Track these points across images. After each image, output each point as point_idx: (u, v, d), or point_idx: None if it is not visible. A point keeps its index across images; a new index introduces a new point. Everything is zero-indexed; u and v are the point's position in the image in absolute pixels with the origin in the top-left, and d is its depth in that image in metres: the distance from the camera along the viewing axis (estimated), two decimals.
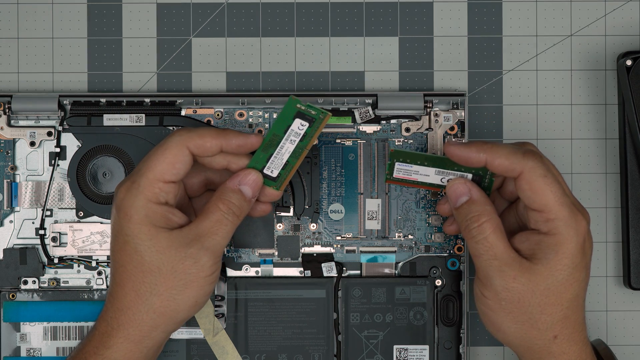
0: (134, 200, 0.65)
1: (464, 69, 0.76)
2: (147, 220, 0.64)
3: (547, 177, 0.64)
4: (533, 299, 0.64)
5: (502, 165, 0.64)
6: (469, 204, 0.65)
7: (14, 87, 0.76)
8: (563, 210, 0.63)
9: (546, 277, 0.63)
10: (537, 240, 0.64)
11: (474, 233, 0.64)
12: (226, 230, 0.65)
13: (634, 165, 0.74)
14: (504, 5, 0.76)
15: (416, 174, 0.68)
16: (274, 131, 0.67)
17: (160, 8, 0.76)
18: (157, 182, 0.65)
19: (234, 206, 0.66)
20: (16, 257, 0.73)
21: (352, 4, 0.76)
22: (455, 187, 0.66)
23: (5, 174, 0.74)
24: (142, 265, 0.64)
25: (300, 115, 0.67)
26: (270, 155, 0.67)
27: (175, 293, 0.65)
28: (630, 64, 0.72)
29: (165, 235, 0.65)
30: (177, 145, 0.65)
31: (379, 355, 0.73)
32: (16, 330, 0.73)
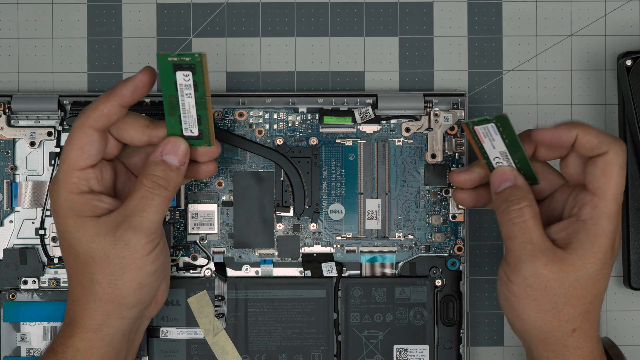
0: (56, 195, 0.65)
1: (464, 69, 0.76)
2: (71, 212, 0.64)
3: (622, 169, 0.64)
4: (560, 288, 0.63)
5: (590, 142, 0.64)
6: (512, 188, 0.65)
7: (14, 87, 0.76)
8: (613, 204, 0.64)
9: (578, 268, 0.63)
10: (575, 230, 0.64)
11: (513, 215, 0.64)
12: (155, 205, 0.64)
13: (634, 165, 0.74)
14: (504, 5, 0.76)
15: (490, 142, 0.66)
16: (167, 93, 0.65)
17: (160, 8, 0.76)
18: (72, 171, 0.65)
19: (159, 178, 0.65)
20: (16, 257, 0.73)
21: (352, 4, 0.76)
22: (503, 172, 0.66)
23: (5, 174, 0.74)
24: (78, 257, 0.64)
25: (179, 67, 0.64)
26: (179, 117, 0.66)
27: (114, 279, 0.64)
28: (630, 64, 0.72)
29: (92, 224, 0.64)
30: (79, 129, 0.65)
31: (379, 355, 0.73)
32: (16, 330, 0.73)
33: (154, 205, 0.64)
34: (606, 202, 0.63)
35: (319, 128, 0.74)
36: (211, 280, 0.73)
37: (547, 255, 0.63)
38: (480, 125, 0.65)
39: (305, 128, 0.74)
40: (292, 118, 0.74)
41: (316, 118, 0.74)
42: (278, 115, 0.74)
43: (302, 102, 0.74)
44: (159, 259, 0.65)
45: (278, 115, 0.74)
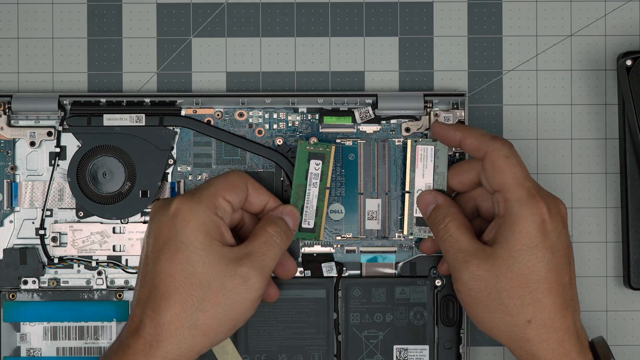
0: (193, 207, 0.65)
1: (464, 69, 0.76)
2: (204, 227, 0.65)
3: (509, 158, 0.66)
4: (499, 283, 0.65)
5: (472, 144, 0.68)
6: (435, 210, 0.69)
7: (14, 87, 0.76)
8: (520, 190, 0.66)
9: (507, 259, 0.65)
10: (497, 225, 0.66)
11: (442, 233, 0.68)
12: (274, 252, 0.67)
13: (634, 165, 0.74)
14: (504, 5, 0.76)
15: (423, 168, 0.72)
16: (297, 182, 0.71)
17: (160, 8, 0.76)
18: (218, 195, 0.66)
19: (281, 230, 0.68)
20: (16, 257, 0.73)
21: (352, 4, 0.76)
22: (424, 197, 0.71)
23: (5, 174, 0.74)
24: (193, 276, 0.64)
25: (313, 156, 0.71)
26: (302, 207, 0.71)
27: (220, 312, 0.64)
28: (630, 64, 0.72)
29: (218, 249, 0.65)
30: (238, 175, 0.68)
31: (379, 355, 0.73)
32: (16, 330, 0.73)
33: (274, 252, 0.67)
34: (510, 191, 0.66)
35: (319, 128, 0.74)
36: None
37: (477, 257, 0.66)
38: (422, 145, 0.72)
39: (305, 128, 0.74)
40: (292, 118, 0.74)
41: (316, 118, 0.74)
42: (278, 115, 0.74)
43: (302, 102, 0.74)
44: (255, 309, 0.66)
45: (278, 115, 0.74)
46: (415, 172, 0.72)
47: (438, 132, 0.70)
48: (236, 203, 0.68)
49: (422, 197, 0.71)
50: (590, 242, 0.75)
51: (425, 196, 0.71)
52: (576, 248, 0.75)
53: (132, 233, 0.74)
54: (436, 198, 0.70)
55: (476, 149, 0.68)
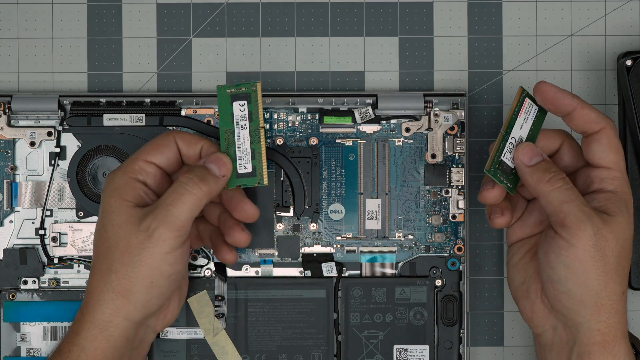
0: (113, 176, 0.66)
1: (464, 69, 0.76)
2: (117, 192, 0.65)
3: (619, 140, 0.67)
4: (616, 248, 0.64)
5: (588, 115, 0.66)
6: (546, 162, 0.67)
7: (14, 87, 0.76)
8: (625, 173, 0.67)
9: (624, 228, 0.65)
10: (607, 198, 0.66)
11: (561, 182, 0.65)
12: (184, 201, 0.64)
13: (634, 165, 0.74)
14: (504, 5, 0.76)
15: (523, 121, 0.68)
16: (224, 128, 0.68)
17: (160, 8, 0.76)
18: (138, 159, 0.66)
19: (194, 176, 0.65)
20: (16, 257, 0.73)
21: (352, 4, 0.76)
22: (530, 148, 0.67)
23: (5, 174, 0.74)
24: (106, 240, 0.65)
25: (235, 98, 0.68)
26: (235, 153, 0.68)
27: (129, 270, 0.64)
28: (630, 64, 0.72)
29: (127, 209, 0.64)
30: (166, 137, 0.67)
31: (379, 355, 0.73)
32: (16, 330, 0.73)
33: (183, 202, 0.64)
34: (621, 172, 0.66)
35: (319, 128, 0.74)
36: (211, 280, 0.73)
37: (600, 217, 0.64)
38: (530, 100, 0.68)
39: (305, 128, 0.74)
40: (292, 118, 0.74)
41: (316, 118, 0.74)
42: (278, 115, 0.74)
43: (302, 102, 0.74)
44: (177, 263, 0.65)
45: (278, 115, 0.74)
46: (516, 121, 0.68)
47: (548, 97, 0.67)
48: (163, 162, 0.67)
49: (528, 147, 0.67)
50: None
51: (533, 147, 0.67)
52: None
53: None
54: (543, 154, 0.67)
55: (593, 122, 0.66)
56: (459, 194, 0.74)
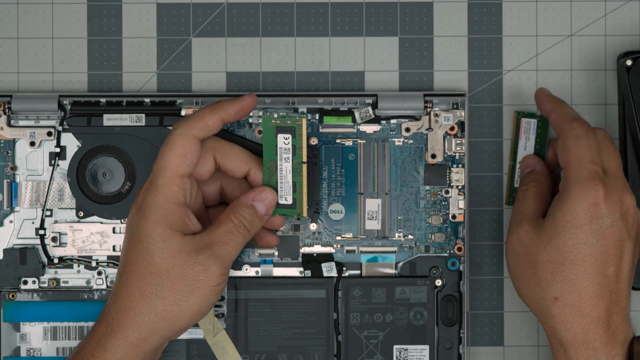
0: (153, 199, 0.65)
1: (464, 69, 0.76)
2: (164, 220, 0.65)
3: (580, 139, 0.67)
4: (538, 253, 0.66)
5: (553, 119, 0.69)
6: (528, 173, 0.71)
7: (14, 87, 0.76)
8: (579, 170, 0.66)
9: (551, 232, 0.65)
10: (554, 200, 0.67)
11: (520, 194, 0.70)
12: (236, 242, 0.67)
13: (634, 165, 0.74)
14: (504, 5, 0.76)
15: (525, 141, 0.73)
16: (267, 157, 0.69)
17: (160, 8, 0.76)
18: (174, 178, 0.66)
19: (245, 220, 0.67)
20: (16, 257, 0.73)
21: (352, 4, 0.76)
22: (526, 160, 0.72)
23: (5, 174, 0.74)
24: (152, 265, 0.65)
25: (280, 130, 0.69)
26: (277, 183, 0.69)
27: (179, 298, 0.65)
28: (630, 64, 0.72)
29: (178, 239, 0.65)
30: (182, 136, 0.66)
31: (379, 355, 0.73)
32: (16, 330, 0.73)
33: (236, 242, 0.67)
34: (570, 169, 0.66)
35: (319, 128, 0.74)
36: None
37: (529, 223, 0.67)
38: (527, 118, 0.72)
39: None
40: None
41: (316, 118, 0.74)
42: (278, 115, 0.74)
43: (302, 102, 0.74)
44: (220, 293, 0.67)
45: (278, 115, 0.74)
46: (518, 145, 0.73)
47: (536, 100, 0.71)
48: (194, 166, 0.67)
49: (525, 160, 0.72)
50: None
51: (528, 159, 0.72)
52: None
53: None
54: (536, 164, 0.71)
55: (555, 125, 0.69)
56: (459, 194, 0.74)
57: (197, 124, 0.66)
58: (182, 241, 0.65)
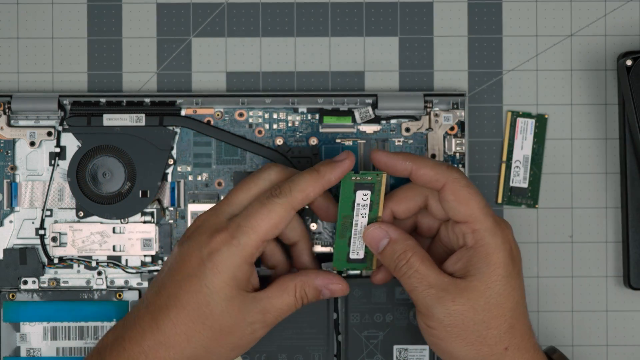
0: (231, 258, 0.64)
1: (464, 69, 0.76)
2: (234, 282, 0.64)
3: (470, 187, 0.65)
4: (476, 316, 0.64)
5: (426, 175, 0.65)
6: (391, 245, 0.66)
7: (14, 87, 0.76)
8: (487, 220, 0.64)
9: (483, 291, 0.64)
10: (468, 257, 0.65)
11: (404, 270, 0.65)
12: (289, 310, 0.66)
13: (634, 165, 0.74)
14: (504, 5, 0.76)
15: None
16: (342, 213, 0.67)
17: (160, 8, 0.76)
18: (260, 242, 0.64)
19: (307, 300, 0.67)
20: (16, 257, 0.73)
21: (352, 4, 0.76)
22: (373, 234, 0.67)
23: (5, 174, 0.74)
24: (207, 318, 0.64)
25: (360, 187, 0.67)
26: (349, 239, 0.68)
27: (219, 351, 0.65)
28: (630, 64, 0.72)
29: (240, 299, 0.64)
30: (282, 206, 0.64)
31: (379, 355, 0.73)
32: (16, 330, 0.73)
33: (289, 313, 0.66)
34: (479, 222, 0.64)
35: (319, 128, 0.74)
36: None
37: (450, 291, 0.64)
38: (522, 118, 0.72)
39: (305, 128, 0.74)
40: (292, 118, 0.74)
41: (316, 118, 0.74)
42: (278, 115, 0.74)
43: (302, 102, 0.74)
44: None
45: (278, 115, 0.74)
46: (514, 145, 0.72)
47: (382, 162, 0.66)
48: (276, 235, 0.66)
49: (370, 233, 0.67)
50: (590, 242, 0.75)
51: (374, 231, 0.67)
52: (576, 248, 0.75)
53: (132, 233, 0.74)
54: (388, 232, 0.67)
55: (432, 180, 0.65)
56: None
57: (299, 196, 0.64)
58: (244, 301, 0.64)
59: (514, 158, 0.73)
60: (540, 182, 0.75)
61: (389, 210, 0.68)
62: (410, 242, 0.66)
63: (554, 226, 0.75)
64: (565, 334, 0.75)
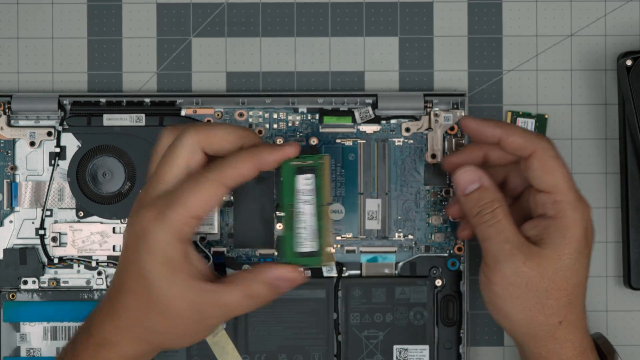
0: (159, 234, 0.61)
1: (464, 69, 0.76)
2: (170, 263, 0.62)
3: (558, 158, 0.65)
4: (541, 283, 0.64)
5: (515, 142, 0.65)
6: (480, 191, 0.65)
7: (14, 87, 0.76)
8: (570, 193, 0.64)
9: (554, 261, 0.64)
10: (545, 225, 0.65)
11: (487, 218, 0.65)
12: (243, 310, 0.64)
13: (634, 165, 0.74)
14: (504, 5, 0.76)
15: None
16: (286, 202, 0.64)
17: (160, 8, 0.76)
18: (190, 219, 0.62)
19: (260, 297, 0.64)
20: (16, 257, 0.73)
21: (352, 4, 0.76)
22: (467, 174, 0.66)
23: (5, 174, 0.74)
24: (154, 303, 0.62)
25: (300, 171, 0.64)
26: (295, 230, 0.64)
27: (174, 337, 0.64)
28: (630, 64, 0.72)
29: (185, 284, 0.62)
30: (212, 183, 0.62)
31: (379, 355, 0.73)
32: (16, 330, 0.73)
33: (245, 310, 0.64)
34: (563, 194, 0.64)
35: (319, 128, 0.74)
36: None
37: (524, 252, 0.64)
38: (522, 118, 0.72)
39: (305, 128, 0.74)
40: (292, 118, 0.74)
41: (316, 118, 0.74)
42: (278, 115, 0.74)
43: (302, 102, 0.74)
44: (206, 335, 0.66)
45: (278, 115, 0.74)
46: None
47: (472, 128, 0.66)
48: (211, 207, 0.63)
49: (463, 174, 0.66)
50: None
51: (467, 172, 0.66)
52: None
53: None
54: (481, 177, 0.65)
55: (521, 148, 0.65)
56: None
57: (230, 173, 0.62)
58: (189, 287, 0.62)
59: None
60: None
61: (481, 153, 0.68)
62: (499, 195, 0.65)
63: None
64: None
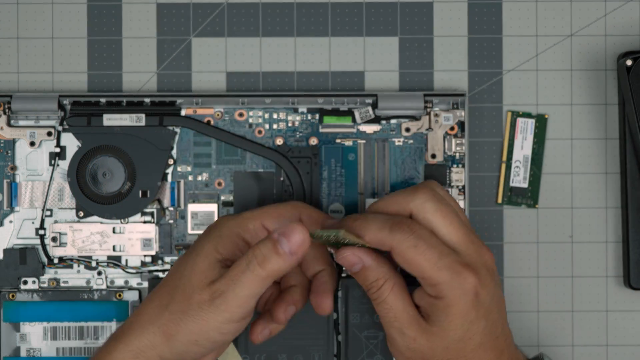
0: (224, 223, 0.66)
1: (464, 69, 0.76)
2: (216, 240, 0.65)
3: (417, 246, 0.62)
4: (435, 356, 0.64)
5: (372, 241, 0.63)
6: (363, 270, 0.65)
7: (14, 87, 0.76)
8: (442, 274, 0.62)
9: (442, 337, 0.63)
10: (430, 302, 0.64)
11: (374, 297, 0.64)
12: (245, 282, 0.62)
13: (634, 165, 0.74)
14: (504, 5, 0.76)
15: None
16: None
17: (160, 8, 0.76)
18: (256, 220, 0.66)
19: (259, 256, 0.61)
20: (16, 257, 0.73)
21: (352, 4, 0.76)
22: (348, 258, 0.64)
23: (5, 174, 0.74)
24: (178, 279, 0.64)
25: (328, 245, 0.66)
26: None
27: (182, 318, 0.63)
28: (630, 64, 0.72)
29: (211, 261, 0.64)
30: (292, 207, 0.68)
31: (379, 355, 0.73)
32: (16, 330, 0.73)
33: (243, 281, 0.62)
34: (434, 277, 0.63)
35: (319, 128, 0.74)
36: None
37: (413, 329, 0.64)
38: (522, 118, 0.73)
39: (305, 128, 0.74)
40: (292, 118, 0.74)
41: (316, 118, 0.74)
42: (278, 115, 0.74)
43: (302, 102, 0.74)
44: (229, 334, 0.63)
45: (278, 115, 0.74)
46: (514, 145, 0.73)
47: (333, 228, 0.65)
48: None
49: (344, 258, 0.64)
50: (590, 242, 0.75)
51: (347, 257, 0.64)
52: (576, 248, 0.75)
53: (132, 233, 0.74)
54: (361, 258, 0.64)
55: (379, 245, 0.63)
56: (459, 194, 0.74)
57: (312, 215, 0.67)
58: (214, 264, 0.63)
59: (514, 158, 0.74)
60: (540, 182, 0.75)
61: None
62: (383, 269, 0.64)
63: (554, 226, 0.75)
64: (565, 334, 0.75)
